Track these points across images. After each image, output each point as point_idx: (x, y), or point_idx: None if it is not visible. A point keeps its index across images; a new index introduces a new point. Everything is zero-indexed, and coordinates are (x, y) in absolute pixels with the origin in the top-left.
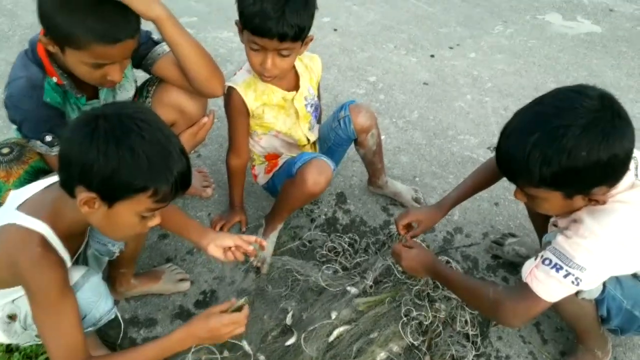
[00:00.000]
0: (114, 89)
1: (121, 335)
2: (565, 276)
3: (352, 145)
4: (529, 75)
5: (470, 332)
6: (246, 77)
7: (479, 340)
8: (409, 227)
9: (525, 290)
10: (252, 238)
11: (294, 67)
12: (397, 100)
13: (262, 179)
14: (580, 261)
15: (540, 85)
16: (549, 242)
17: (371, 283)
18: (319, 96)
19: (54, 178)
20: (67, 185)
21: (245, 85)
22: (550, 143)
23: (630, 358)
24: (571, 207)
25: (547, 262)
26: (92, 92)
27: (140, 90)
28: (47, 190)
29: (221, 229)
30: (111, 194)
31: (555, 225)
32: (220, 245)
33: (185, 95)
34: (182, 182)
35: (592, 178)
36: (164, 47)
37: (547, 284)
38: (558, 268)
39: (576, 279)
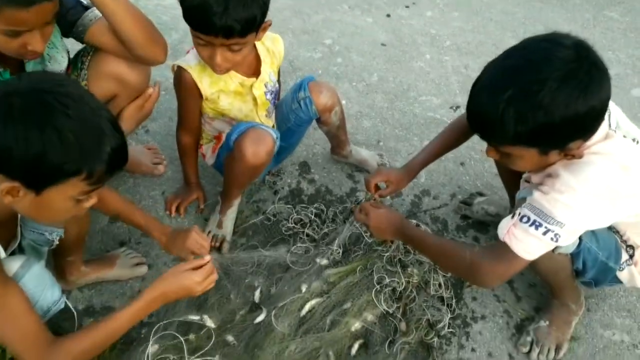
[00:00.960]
0: (42, 61)
1: (76, 326)
2: (545, 233)
3: None
4: (486, 31)
5: (445, 295)
6: (200, 59)
7: (453, 302)
8: (377, 188)
9: (503, 249)
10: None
11: (255, 50)
12: (355, 63)
13: (210, 158)
14: (559, 217)
15: (498, 41)
16: (524, 199)
17: (339, 250)
18: (279, 80)
19: None
20: None
21: (199, 68)
22: (525, 99)
23: (602, 308)
24: (546, 162)
25: (525, 219)
26: (16, 65)
27: (74, 62)
28: None
29: (177, 208)
30: (38, 181)
31: (528, 181)
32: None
33: (125, 65)
34: (118, 159)
35: (569, 133)
36: (95, 12)
37: (525, 242)
38: (537, 225)
39: (555, 235)
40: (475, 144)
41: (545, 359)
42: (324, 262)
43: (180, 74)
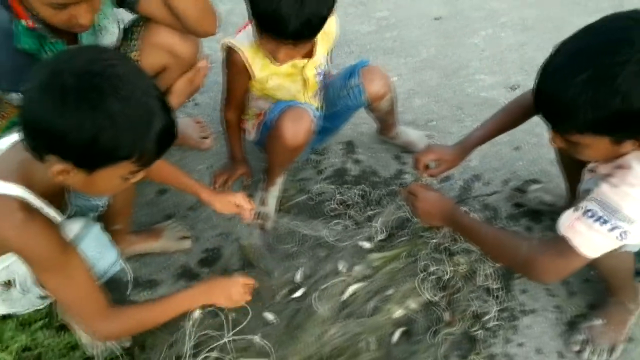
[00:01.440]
0: (94, 32)
1: (129, 289)
2: (611, 230)
3: None
4: (548, 6)
5: (493, 286)
6: (252, 40)
7: (502, 294)
8: (426, 167)
9: (563, 245)
10: (244, 202)
11: None
12: (407, 38)
13: (252, 134)
14: (629, 212)
15: (559, 17)
16: (589, 191)
17: (383, 230)
18: (330, 59)
19: (16, 135)
20: (36, 152)
21: (252, 50)
22: (602, 83)
23: None
24: (617, 153)
25: (589, 213)
26: (71, 36)
27: (126, 32)
28: (13, 150)
29: (225, 183)
30: (90, 163)
31: (592, 171)
32: (227, 202)
33: (177, 36)
34: (167, 139)
35: None
36: None
37: (589, 238)
38: (603, 221)
39: (623, 232)
40: (533, 127)
41: None
42: (367, 245)
43: (231, 54)
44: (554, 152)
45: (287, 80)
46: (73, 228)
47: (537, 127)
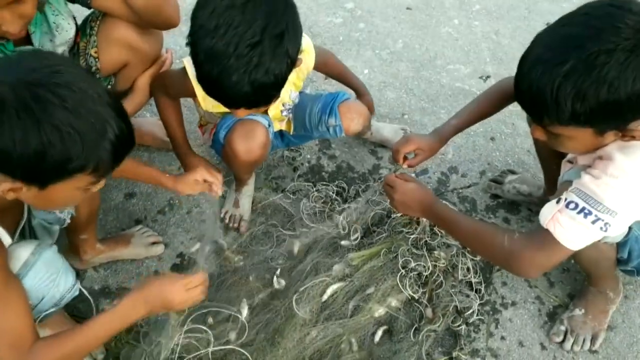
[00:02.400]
0: (49, 30)
1: (93, 309)
2: (594, 222)
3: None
4: None
5: (474, 280)
6: None
7: (482, 288)
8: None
9: (545, 237)
10: (209, 177)
11: None
12: (378, 29)
13: (208, 140)
14: (611, 204)
15: (532, 4)
16: (569, 182)
17: (357, 230)
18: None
19: None
20: None
21: None
22: (587, 73)
23: None
24: (600, 144)
25: (572, 205)
26: (25, 33)
27: (83, 28)
28: None
29: None
30: (40, 179)
31: (571, 162)
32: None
33: (136, 30)
34: (124, 147)
35: (634, 111)
36: None
37: (571, 230)
38: (586, 213)
39: (605, 224)
40: (507, 117)
41: (580, 350)
42: (345, 243)
43: (185, 79)
44: (529, 142)
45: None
46: (22, 254)
47: (511, 117)
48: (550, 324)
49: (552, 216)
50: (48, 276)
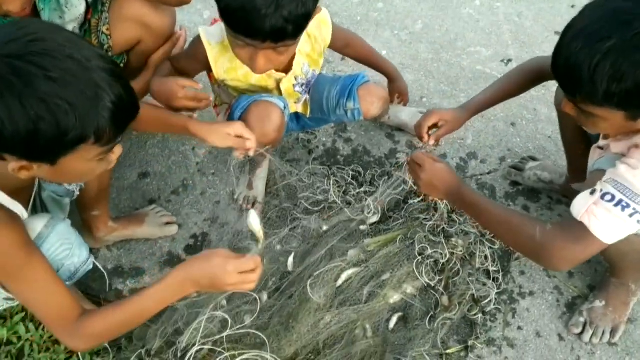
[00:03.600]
0: (59, 7)
1: (107, 287)
2: (632, 215)
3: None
4: None
5: (491, 269)
6: (225, 36)
7: (500, 276)
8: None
9: (579, 230)
10: (247, 133)
11: None
12: (397, 9)
13: (222, 120)
14: None
15: None
16: (602, 172)
17: (377, 210)
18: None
19: None
20: None
21: (220, 49)
22: (629, 54)
23: None
24: (631, 128)
25: (608, 197)
26: (29, 14)
27: (94, 5)
28: None
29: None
30: (44, 155)
31: (602, 149)
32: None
33: (149, 7)
34: (125, 111)
35: None
36: None
37: (607, 224)
38: (624, 206)
39: None
40: (528, 102)
41: (598, 342)
42: (362, 227)
43: (197, 44)
44: (551, 128)
45: (257, 89)
46: (36, 227)
47: (533, 102)
48: (569, 315)
49: (586, 209)
50: (62, 249)
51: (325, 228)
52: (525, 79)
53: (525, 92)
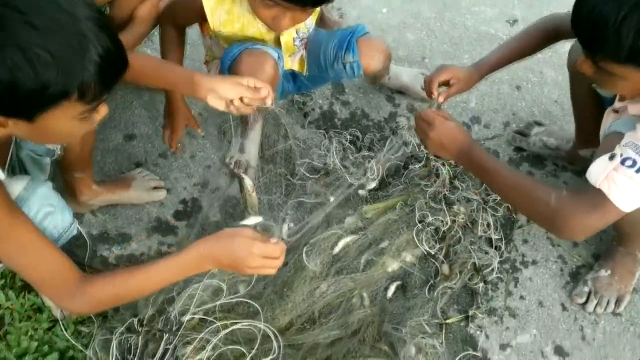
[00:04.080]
0: None
1: (88, 253)
2: None
3: None
4: None
5: (494, 237)
6: None
7: (503, 244)
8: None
9: (597, 197)
10: (261, 83)
11: None
12: None
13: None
14: None
15: None
16: (619, 135)
17: (376, 172)
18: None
19: None
20: None
21: (217, 1)
22: None
23: None
24: None
25: (628, 162)
26: None
27: None
28: None
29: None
30: (21, 111)
31: (617, 112)
32: (223, 97)
33: None
34: (113, 66)
35: None
36: None
37: (628, 190)
38: None
39: None
40: (534, 64)
41: (602, 312)
42: (361, 192)
43: None
44: (557, 92)
45: (255, 41)
46: (14, 189)
47: (539, 65)
48: (572, 285)
49: (606, 175)
50: (44, 213)
51: (332, 199)
52: (540, 38)
53: (540, 50)
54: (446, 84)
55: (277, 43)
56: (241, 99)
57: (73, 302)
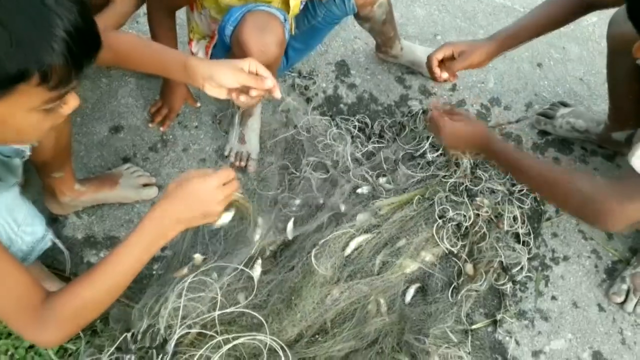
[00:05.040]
0: None
1: (69, 267)
2: None
3: None
4: None
5: (521, 231)
6: None
7: (531, 240)
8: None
9: (638, 185)
10: (264, 70)
11: None
12: None
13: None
14: None
15: None
16: None
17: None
18: None
19: None
20: None
21: None
22: None
23: None
24: None
25: None
26: None
27: None
28: None
29: (163, 119)
30: None
31: None
32: (222, 85)
33: None
34: (83, 44)
35: None
36: None
37: None
38: None
39: None
40: (555, 39)
41: None
42: (365, 190)
43: None
44: (582, 69)
45: (258, 2)
46: None
47: (561, 40)
48: (609, 282)
49: None
50: (9, 224)
51: (343, 209)
52: (569, 8)
53: (568, 23)
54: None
55: (282, 5)
56: (244, 89)
57: (40, 333)
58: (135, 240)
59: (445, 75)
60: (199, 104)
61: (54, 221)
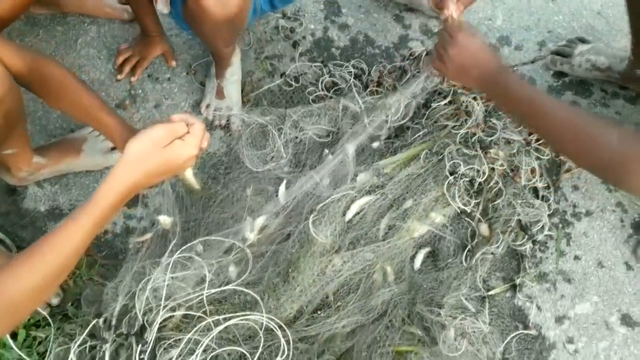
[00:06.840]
0: None
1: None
2: None
3: None
4: None
5: (539, 185)
6: None
7: (550, 194)
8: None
9: None
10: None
11: None
12: None
13: (163, 6)
14: None
15: None
16: None
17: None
18: None
19: None
20: None
21: None
22: None
23: None
24: None
25: None
26: None
27: None
28: None
29: (133, 69)
30: None
31: None
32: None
33: None
34: None
35: None
36: None
37: None
38: None
39: None
40: None
41: None
42: (374, 145)
43: None
44: (600, 1)
45: None
46: None
47: None
48: (636, 238)
49: None
50: None
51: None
52: None
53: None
54: None
55: None
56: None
57: None
58: (86, 212)
59: (452, 6)
60: (174, 64)
61: (11, 192)
